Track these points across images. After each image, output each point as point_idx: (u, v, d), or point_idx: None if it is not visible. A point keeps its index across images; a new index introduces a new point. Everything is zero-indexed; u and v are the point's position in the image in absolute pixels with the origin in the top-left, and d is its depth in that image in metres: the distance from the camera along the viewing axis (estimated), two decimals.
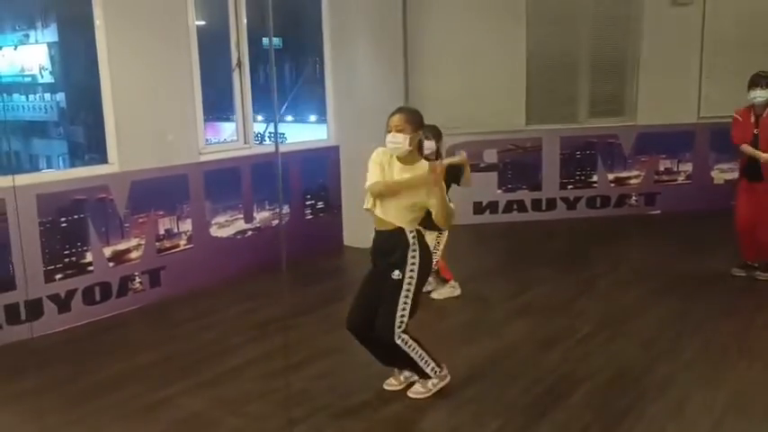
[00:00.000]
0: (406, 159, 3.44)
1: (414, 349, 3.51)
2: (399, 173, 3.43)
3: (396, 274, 3.41)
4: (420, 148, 3.51)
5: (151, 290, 5.23)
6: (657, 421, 3.32)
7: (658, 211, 7.84)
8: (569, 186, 7.74)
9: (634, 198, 7.84)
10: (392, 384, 3.70)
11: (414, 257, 3.43)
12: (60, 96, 8.17)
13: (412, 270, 3.43)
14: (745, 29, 7.51)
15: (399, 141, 3.38)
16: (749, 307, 4.87)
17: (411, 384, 3.66)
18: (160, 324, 4.85)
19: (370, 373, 3.77)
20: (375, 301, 3.50)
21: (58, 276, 4.71)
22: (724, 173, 7.65)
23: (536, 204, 7.71)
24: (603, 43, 7.65)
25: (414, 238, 3.45)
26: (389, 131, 3.40)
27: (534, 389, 3.67)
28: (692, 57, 7.62)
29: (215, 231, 5.67)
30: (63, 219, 4.71)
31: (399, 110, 3.52)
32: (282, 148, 6.46)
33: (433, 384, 3.61)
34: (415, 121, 3.43)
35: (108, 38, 4.87)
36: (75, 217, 4.77)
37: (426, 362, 3.55)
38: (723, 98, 7.43)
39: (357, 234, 6.51)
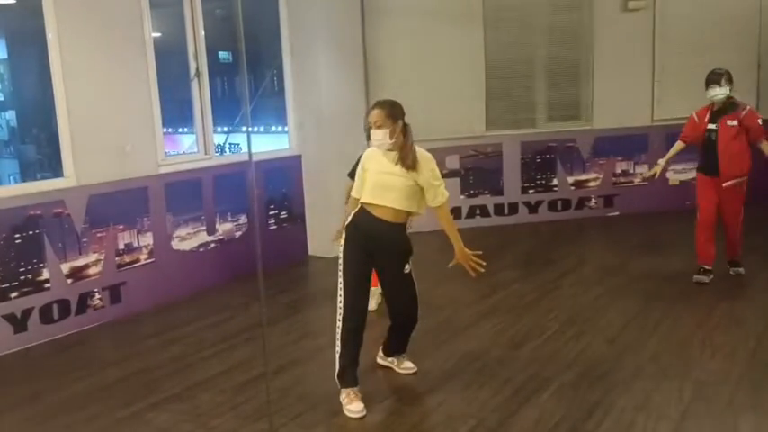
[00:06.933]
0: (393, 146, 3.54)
1: None
2: (386, 162, 3.51)
3: (407, 269, 3.63)
4: (406, 133, 3.53)
5: (112, 306, 5.10)
6: (626, 413, 3.36)
7: (617, 213, 8.00)
8: (530, 191, 7.84)
9: (593, 200, 7.99)
10: (360, 409, 3.47)
11: (411, 247, 3.66)
12: (10, 114, 7.96)
13: (411, 257, 3.67)
14: (695, 33, 7.76)
15: (379, 138, 3.47)
16: (707, 301, 4.99)
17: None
18: (123, 341, 4.72)
19: None
20: (368, 294, 3.69)
21: (14, 295, 4.56)
22: (678, 174, 7.84)
23: (498, 209, 7.79)
24: (559, 49, 7.81)
25: (407, 229, 3.66)
26: (370, 128, 3.51)
27: (505, 388, 3.69)
28: (644, 61, 7.83)
29: (177, 244, 5.57)
30: (17, 235, 4.57)
31: (376, 104, 3.57)
32: (244, 159, 6.40)
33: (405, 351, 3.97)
34: (393, 115, 3.49)
35: (62, 51, 4.77)
36: (31, 233, 4.63)
37: None
38: (675, 101, 7.68)
39: (322, 244, 6.47)
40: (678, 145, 5.44)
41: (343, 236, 3.60)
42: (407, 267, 3.63)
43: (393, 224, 3.53)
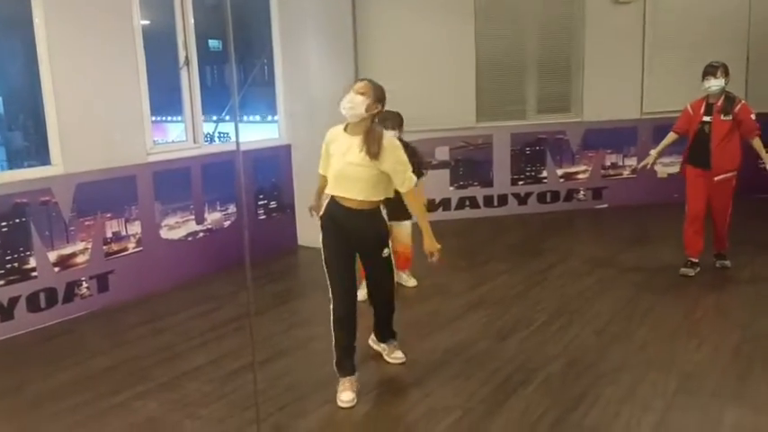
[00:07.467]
0: (354, 130, 3.39)
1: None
2: (350, 149, 3.37)
3: (385, 252, 3.58)
4: (375, 120, 3.43)
5: (99, 295, 5.07)
6: (612, 405, 3.39)
7: (605, 205, 8.03)
8: (520, 182, 7.86)
9: (582, 192, 8.02)
10: (350, 399, 3.48)
11: (386, 230, 3.61)
12: None
13: (389, 241, 3.65)
14: (685, 26, 7.78)
15: (357, 103, 3.32)
16: (694, 293, 5.03)
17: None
18: (110, 329, 4.70)
19: (328, 371, 3.73)
20: (354, 281, 3.59)
21: (0, 283, 4.52)
22: (667, 167, 7.87)
23: (488, 200, 7.81)
24: (549, 42, 7.82)
25: (383, 211, 3.56)
26: (348, 93, 3.35)
27: (492, 379, 3.71)
28: (634, 54, 7.85)
29: (165, 233, 5.54)
30: (4, 223, 4.53)
31: (365, 78, 3.49)
32: (233, 148, 6.37)
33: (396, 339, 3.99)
34: (378, 92, 3.38)
35: (49, 37, 4.71)
36: (17, 221, 4.59)
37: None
38: (664, 94, 7.71)
39: (311, 233, 6.45)
40: (670, 136, 5.46)
41: (321, 226, 3.57)
42: (386, 251, 3.59)
43: (363, 211, 3.45)
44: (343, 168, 3.40)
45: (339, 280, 3.51)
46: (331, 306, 3.55)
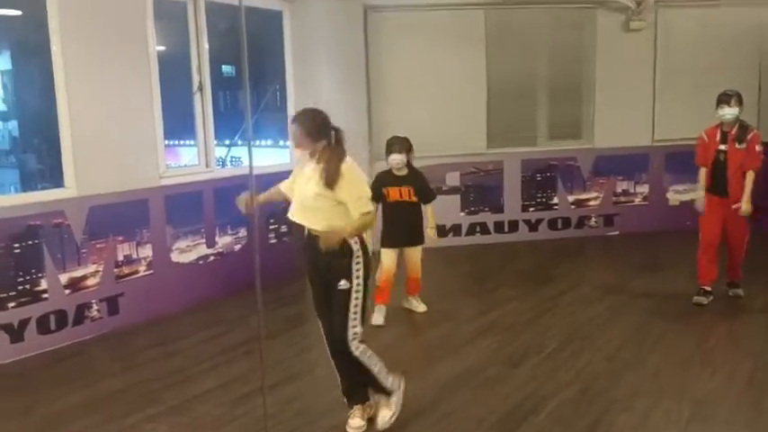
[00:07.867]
0: (320, 158, 3.29)
1: (372, 359, 3.34)
2: (313, 180, 3.27)
3: (342, 284, 3.24)
4: (332, 152, 3.27)
5: (109, 318, 5.08)
6: None
7: (617, 232, 8.00)
8: (531, 209, 7.85)
9: (593, 219, 8.00)
10: (358, 426, 3.41)
11: (358, 264, 3.26)
12: (13, 124, 8.00)
13: (358, 278, 3.27)
14: (696, 54, 7.79)
15: (300, 155, 3.35)
16: (707, 321, 4.98)
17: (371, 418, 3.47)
18: (120, 352, 4.71)
19: (338, 395, 3.70)
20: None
21: (11, 305, 4.54)
22: (679, 194, 7.86)
23: (498, 227, 7.79)
24: (560, 69, 7.87)
25: (356, 243, 3.27)
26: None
27: (503, 406, 3.67)
28: (645, 81, 7.87)
29: (176, 257, 5.57)
30: (16, 245, 4.56)
31: (296, 118, 3.36)
32: (245, 172, 6.41)
33: (395, 403, 3.45)
34: (312, 133, 3.26)
35: (65, 62, 4.79)
36: (30, 243, 4.63)
37: (386, 374, 3.40)
38: (676, 121, 7.71)
39: None
40: (702, 171, 5.31)
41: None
42: (343, 283, 3.25)
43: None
44: (303, 199, 3.34)
45: (320, 316, 3.43)
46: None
